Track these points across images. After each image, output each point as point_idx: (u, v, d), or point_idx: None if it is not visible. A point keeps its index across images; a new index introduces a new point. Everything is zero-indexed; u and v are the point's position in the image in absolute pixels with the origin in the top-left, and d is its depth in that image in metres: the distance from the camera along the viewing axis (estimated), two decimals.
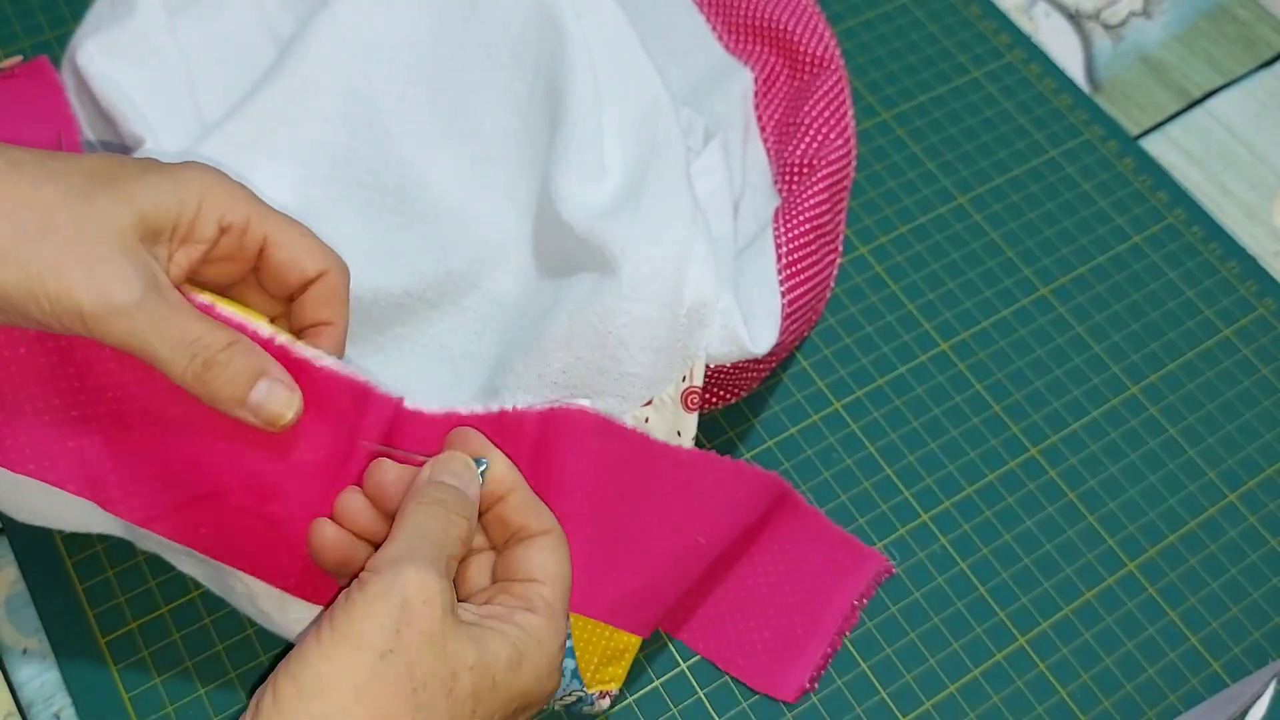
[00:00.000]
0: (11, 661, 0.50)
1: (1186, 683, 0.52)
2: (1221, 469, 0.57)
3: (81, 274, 0.37)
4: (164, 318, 0.39)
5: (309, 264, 0.43)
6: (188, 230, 0.41)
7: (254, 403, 0.40)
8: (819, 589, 0.52)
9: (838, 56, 0.62)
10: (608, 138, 0.55)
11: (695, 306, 0.50)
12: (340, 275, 0.44)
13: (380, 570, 0.37)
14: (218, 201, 0.41)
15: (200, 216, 0.41)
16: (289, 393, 0.40)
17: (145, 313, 0.38)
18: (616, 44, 0.57)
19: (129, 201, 0.39)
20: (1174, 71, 0.71)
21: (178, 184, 0.40)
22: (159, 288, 0.39)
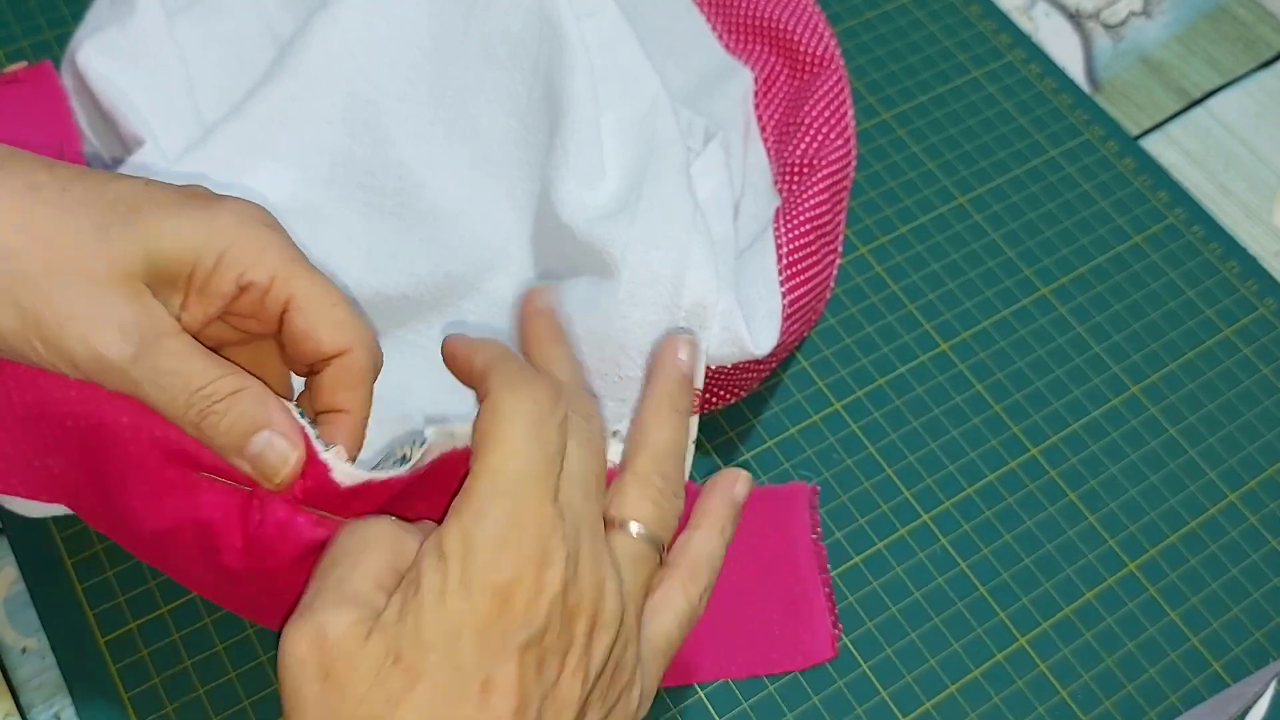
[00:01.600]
0: (11, 661, 0.50)
1: (1187, 682, 0.52)
2: (1222, 469, 0.57)
3: (79, 325, 0.36)
4: (162, 370, 0.37)
5: (326, 339, 0.39)
6: (204, 282, 0.38)
7: (251, 454, 0.38)
8: (777, 549, 0.52)
9: (838, 56, 0.62)
10: (607, 140, 0.55)
11: (694, 310, 0.50)
12: (363, 357, 0.40)
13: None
14: (242, 255, 0.38)
15: (219, 270, 0.38)
16: (289, 448, 0.38)
17: (142, 367, 0.36)
18: (616, 46, 0.57)
19: (144, 241, 0.37)
20: (1174, 71, 0.71)
21: (204, 227, 0.38)
22: (160, 335, 0.37)
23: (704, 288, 0.50)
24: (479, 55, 0.58)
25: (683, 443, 0.44)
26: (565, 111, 0.54)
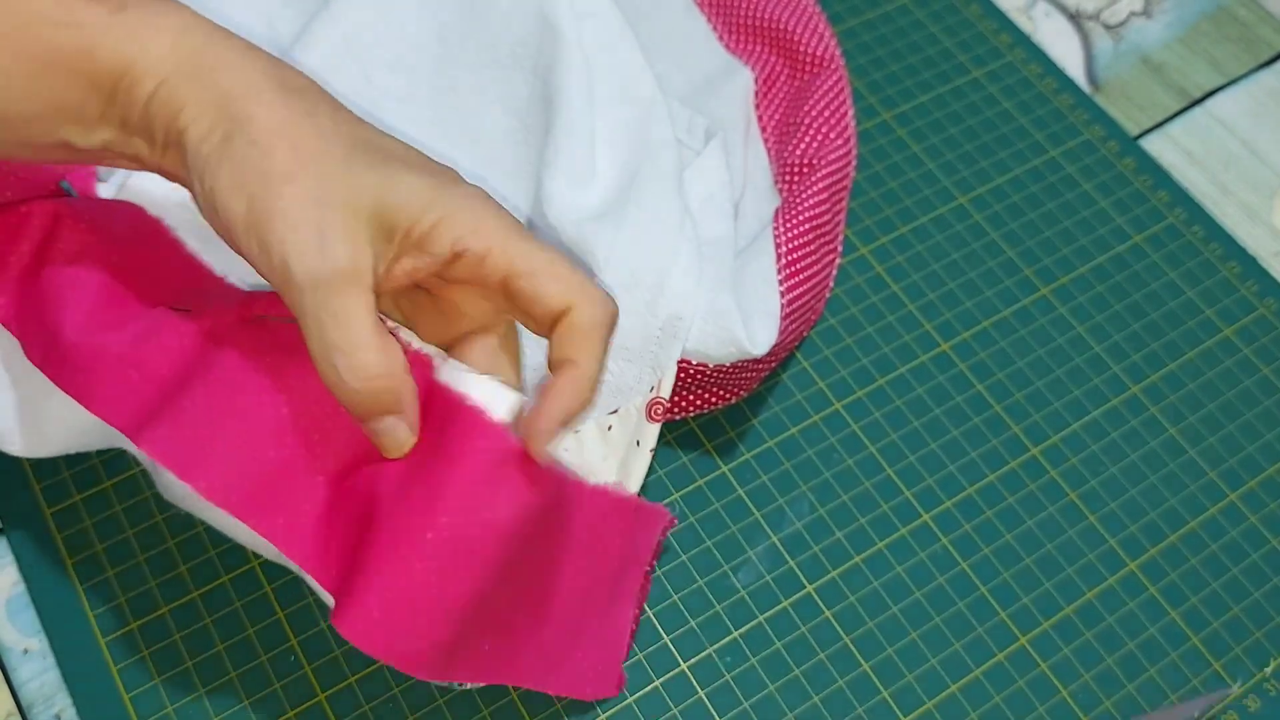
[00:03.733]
0: (12, 662, 0.50)
1: (1188, 682, 0.52)
2: (1222, 468, 0.57)
3: (290, 231, 0.36)
4: (332, 313, 0.37)
5: (552, 298, 0.39)
6: (420, 239, 0.38)
7: (373, 427, 0.39)
8: (610, 567, 0.49)
9: (838, 56, 0.62)
10: (600, 141, 0.55)
11: (671, 319, 0.50)
12: (589, 311, 0.40)
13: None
14: (458, 222, 0.38)
15: (435, 232, 0.38)
16: (407, 436, 0.39)
17: (317, 298, 0.36)
18: (614, 47, 0.57)
19: (380, 185, 0.38)
20: (1174, 71, 0.71)
21: (433, 190, 0.38)
22: (352, 280, 0.37)
23: (682, 298, 0.50)
24: (479, 56, 0.58)
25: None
26: (559, 111, 0.54)
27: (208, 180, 0.37)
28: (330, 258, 0.36)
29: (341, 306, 0.37)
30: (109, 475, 0.53)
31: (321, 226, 0.36)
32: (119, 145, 0.38)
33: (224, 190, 0.36)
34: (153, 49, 0.37)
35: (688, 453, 0.56)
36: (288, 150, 0.37)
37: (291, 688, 0.50)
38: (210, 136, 0.37)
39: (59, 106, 0.37)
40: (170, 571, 0.52)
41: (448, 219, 0.38)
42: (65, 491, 0.53)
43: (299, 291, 0.36)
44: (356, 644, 0.38)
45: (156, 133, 0.37)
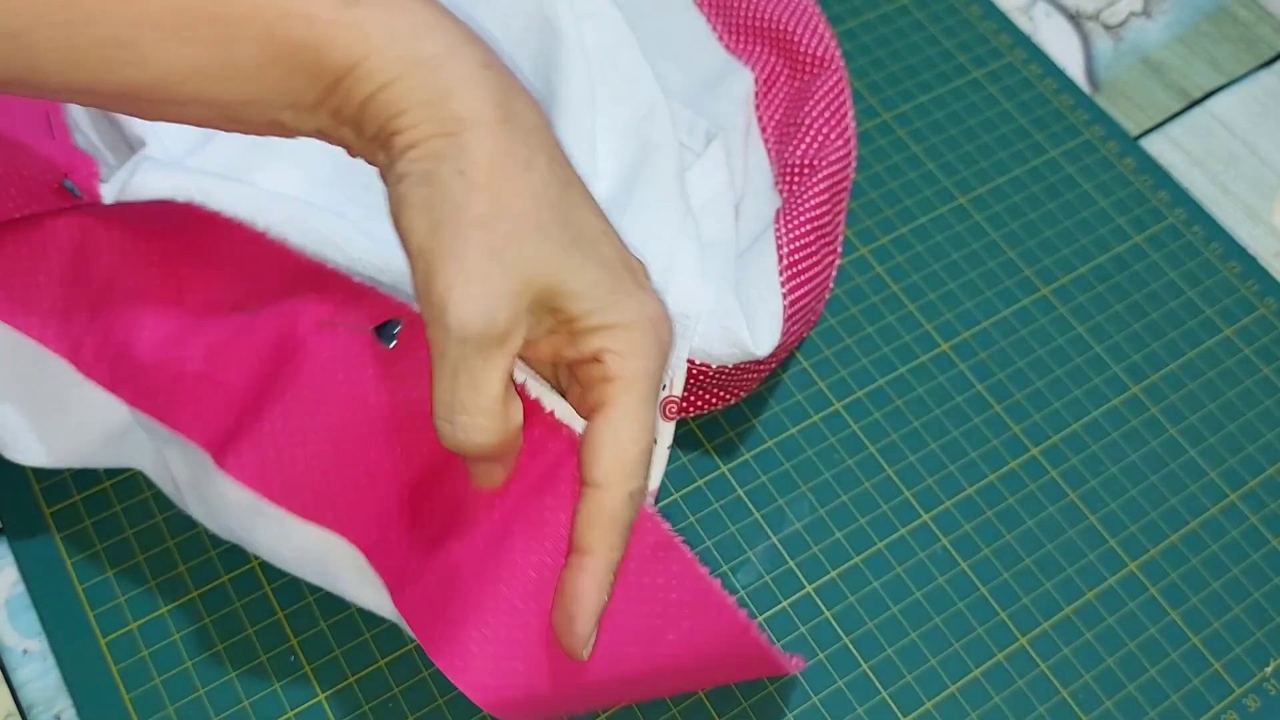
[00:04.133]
0: (12, 663, 0.50)
1: (1188, 682, 0.52)
2: (1223, 468, 0.57)
3: (465, 288, 0.35)
4: (468, 365, 0.36)
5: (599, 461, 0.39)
6: (576, 332, 0.38)
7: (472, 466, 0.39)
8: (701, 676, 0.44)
9: (838, 57, 0.62)
10: (601, 142, 0.55)
11: (679, 318, 0.50)
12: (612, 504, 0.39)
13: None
14: (617, 340, 0.38)
15: (595, 333, 0.38)
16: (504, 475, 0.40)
17: (462, 349, 0.36)
18: (615, 48, 0.57)
19: (563, 269, 0.37)
20: (1174, 72, 0.71)
21: (608, 293, 0.38)
22: (504, 349, 0.37)
23: (688, 297, 0.50)
24: None
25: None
26: (560, 112, 0.54)
27: (402, 188, 0.36)
28: (488, 319, 0.36)
29: (481, 368, 0.36)
30: (109, 475, 0.53)
31: (491, 285, 0.36)
32: (327, 130, 0.38)
33: (414, 206, 0.36)
34: (385, 52, 0.36)
35: (688, 453, 0.56)
36: (491, 198, 0.36)
37: (291, 688, 0.50)
38: (420, 150, 0.36)
39: (278, 93, 0.37)
40: (170, 571, 0.52)
41: (609, 331, 0.38)
42: (65, 491, 0.53)
43: (445, 336, 0.36)
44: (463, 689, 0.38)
45: (367, 127, 0.37)
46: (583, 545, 0.38)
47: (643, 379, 0.38)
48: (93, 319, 0.43)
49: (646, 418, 0.39)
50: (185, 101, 0.37)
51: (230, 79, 0.36)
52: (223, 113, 0.37)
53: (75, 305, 0.44)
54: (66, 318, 0.43)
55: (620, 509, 0.38)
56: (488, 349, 0.36)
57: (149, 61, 0.35)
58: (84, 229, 0.44)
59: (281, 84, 0.36)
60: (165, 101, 0.37)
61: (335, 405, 0.41)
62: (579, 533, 0.38)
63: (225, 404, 0.42)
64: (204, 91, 0.36)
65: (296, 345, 0.41)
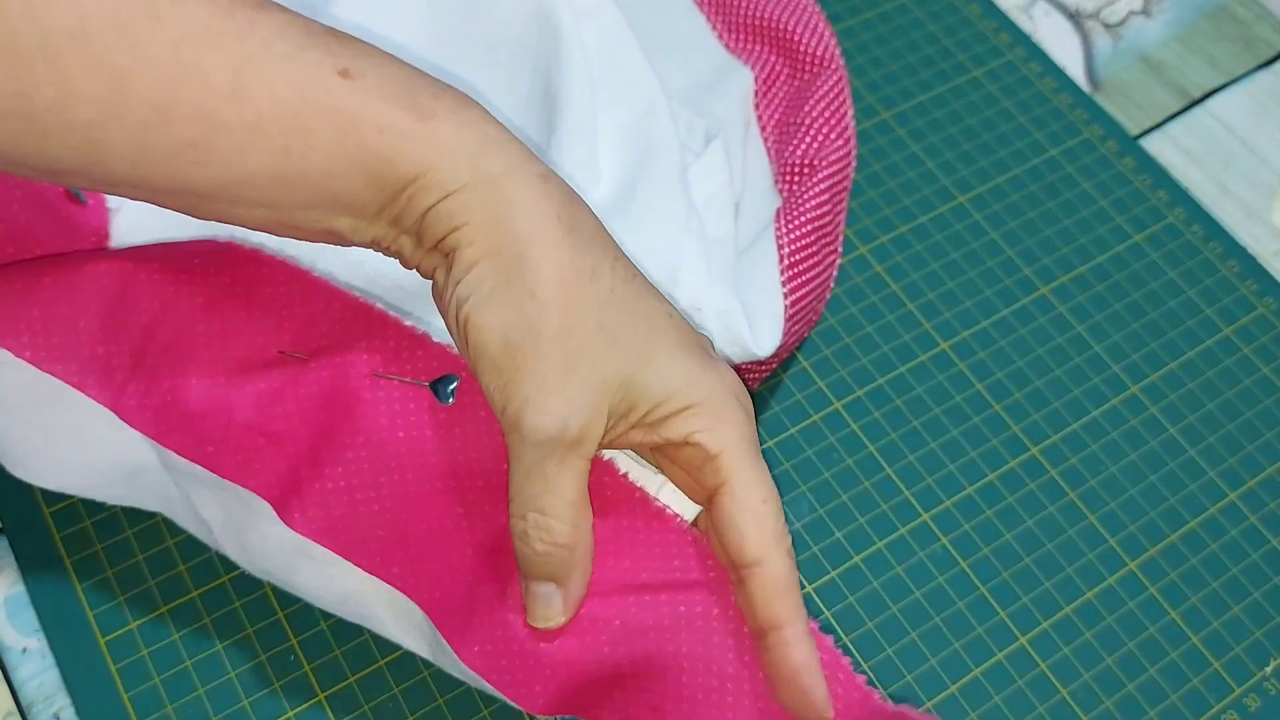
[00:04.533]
0: (11, 661, 0.50)
1: (1188, 682, 0.52)
2: (1222, 468, 0.57)
3: (541, 399, 0.36)
4: (543, 470, 0.37)
5: (751, 536, 0.39)
6: (657, 422, 0.39)
7: (532, 590, 0.39)
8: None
9: (838, 56, 0.62)
10: (602, 142, 0.55)
11: (688, 312, 0.50)
12: (783, 567, 0.39)
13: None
14: (702, 415, 0.39)
15: (677, 418, 0.39)
16: (559, 613, 0.39)
17: (538, 454, 0.37)
18: (614, 47, 0.57)
19: (636, 367, 0.38)
20: (1174, 71, 0.71)
21: (682, 377, 0.39)
22: (580, 453, 0.38)
23: (696, 291, 0.50)
24: (478, 55, 0.58)
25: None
26: (561, 112, 0.54)
27: (468, 307, 0.37)
28: (565, 427, 0.37)
29: (556, 472, 0.37)
30: None
31: (568, 396, 0.37)
32: (385, 240, 0.38)
33: (485, 325, 0.37)
34: (453, 164, 0.36)
35: None
36: (563, 311, 0.37)
37: (291, 688, 0.50)
38: (485, 264, 0.37)
39: (337, 198, 0.37)
40: (170, 570, 0.52)
41: (691, 411, 0.38)
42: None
43: (522, 442, 0.37)
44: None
45: (427, 238, 0.37)
46: (776, 621, 0.38)
47: (743, 442, 0.39)
48: (135, 367, 0.43)
49: (765, 477, 0.39)
50: (246, 202, 0.37)
51: (294, 183, 0.36)
52: (280, 217, 0.37)
53: (116, 353, 0.43)
54: (107, 366, 0.43)
55: (788, 573, 0.39)
56: (562, 455, 0.37)
57: (217, 164, 0.35)
58: (123, 274, 0.44)
59: (345, 190, 0.37)
60: (226, 201, 0.37)
61: (397, 463, 0.41)
62: (763, 614, 0.39)
63: (279, 456, 0.42)
64: (266, 193, 0.36)
65: (352, 398, 0.42)
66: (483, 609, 0.40)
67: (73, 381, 0.43)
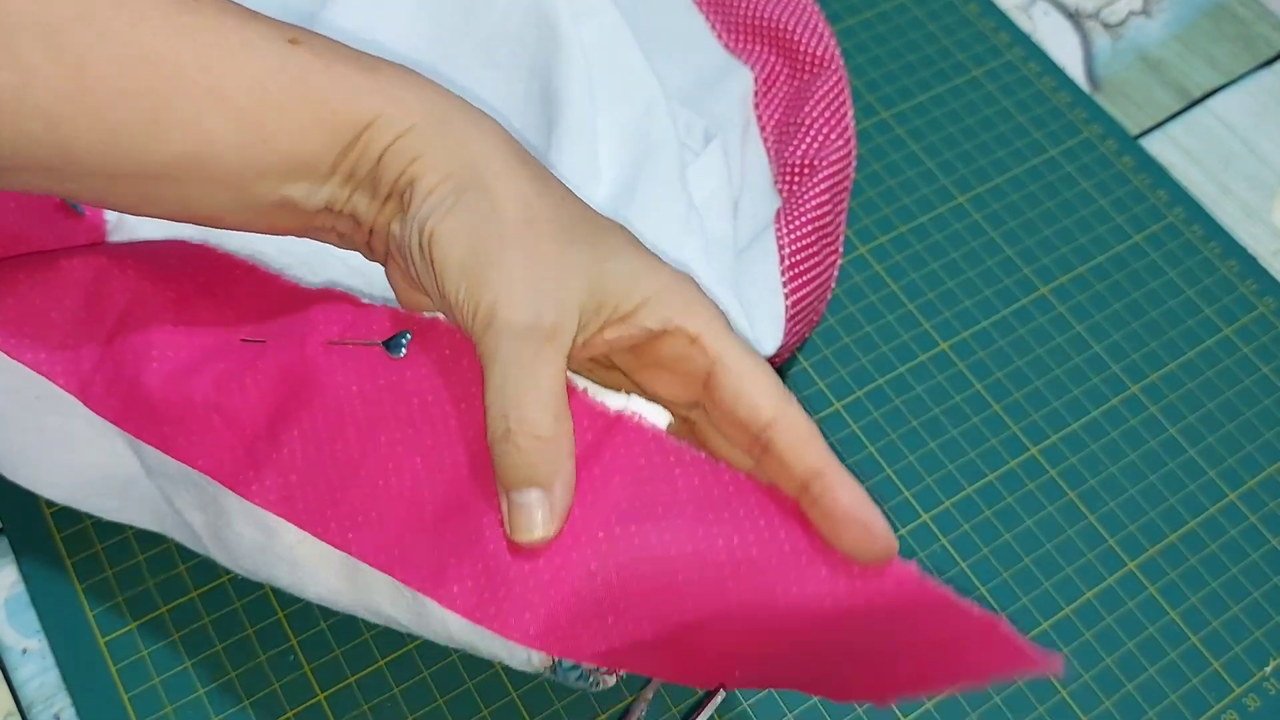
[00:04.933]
0: (11, 661, 0.50)
1: (1187, 682, 0.52)
2: (1222, 468, 0.57)
3: (511, 290, 0.37)
4: (519, 364, 0.37)
5: (764, 401, 0.38)
6: (628, 314, 0.39)
7: (514, 499, 0.38)
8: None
9: (838, 56, 0.62)
10: (602, 141, 0.55)
11: None
12: (802, 418, 0.38)
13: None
14: (672, 301, 0.39)
15: (647, 305, 0.38)
16: (545, 522, 0.38)
17: (509, 348, 0.37)
18: (613, 46, 0.57)
19: (599, 260, 0.38)
20: (1174, 70, 0.71)
21: (644, 267, 0.39)
22: (547, 341, 0.37)
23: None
24: (477, 55, 0.58)
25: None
26: (561, 111, 0.54)
27: (431, 224, 0.37)
28: (538, 314, 0.37)
29: (533, 361, 0.37)
30: None
31: (536, 284, 0.37)
32: (339, 202, 0.39)
33: (447, 234, 0.37)
34: (404, 104, 0.38)
35: None
36: (520, 209, 0.38)
37: (291, 688, 0.50)
38: (443, 186, 0.38)
39: (294, 158, 0.38)
40: (170, 571, 0.52)
41: (660, 296, 0.39)
42: None
43: (496, 337, 0.37)
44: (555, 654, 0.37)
45: (383, 182, 0.38)
46: (815, 466, 0.38)
47: (719, 319, 0.39)
48: (104, 356, 0.44)
49: (750, 347, 0.39)
50: (209, 179, 0.38)
51: (255, 147, 0.37)
52: (239, 195, 0.38)
53: (86, 343, 0.44)
54: (76, 355, 0.44)
55: (809, 421, 0.38)
56: (539, 344, 0.37)
57: (179, 137, 0.36)
58: (98, 269, 0.44)
59: (302, 147, 0.38)
60: (190, 182, 0.38)
61: (352, 419, 0.41)
62: (799, 466, 0.38)
63: (235, 433, 0.42)
64: (226, 163, 0.37)
65: (307, 367, 0.41)
66: (457, 550, 0.40)
67: (42, 370, 0.43)
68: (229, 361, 0.43)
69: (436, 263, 0.38)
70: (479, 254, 0.37)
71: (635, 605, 0.38)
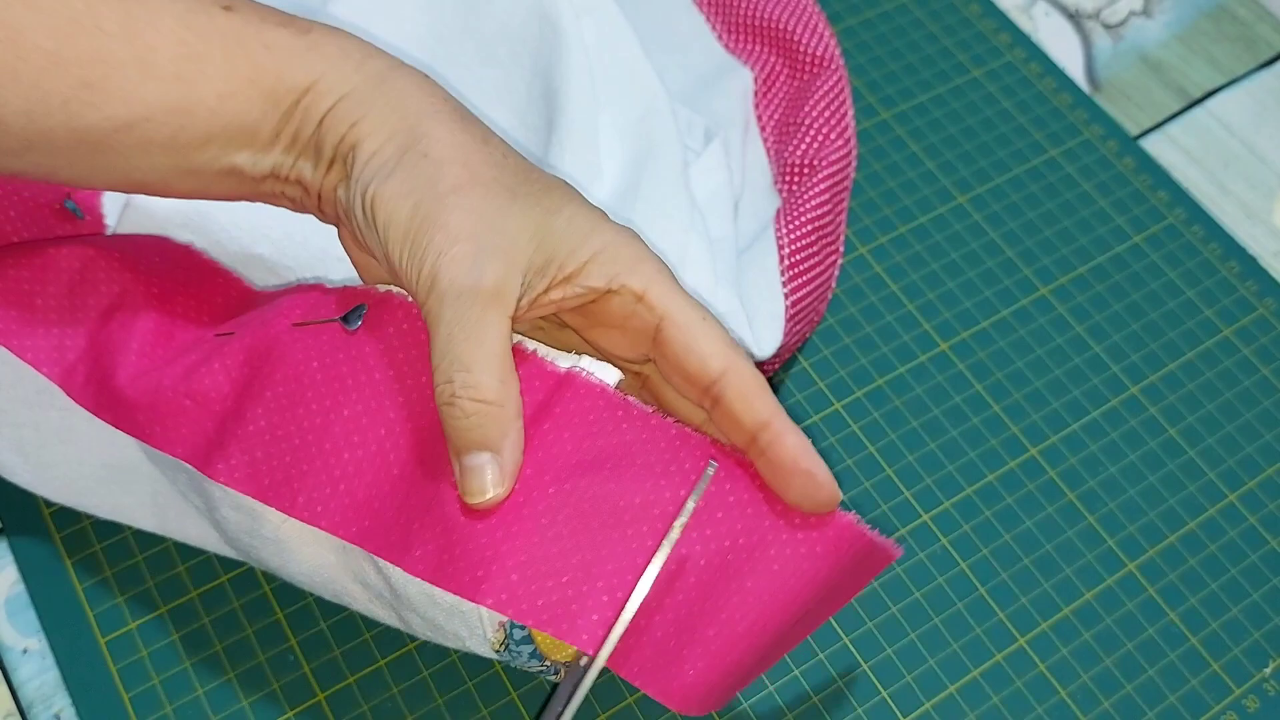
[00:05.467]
0: (11, 661, 0.50)
1: (1186, 683, 0.52)
2: (1221, 469, 0.57)
3: (453, 249, 0.37)
4: (464, 327, 0.37)
5: (711, 354, 0.38)
6: (574, 272, 0.38)
7: (465, 463, 0.38)
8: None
9: (838, 56, 0.62)
10: (604, 139, 0.55)
11: None
12: (750, 370, 0.39)
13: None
14: (617, 258, 0.38)
15: (592, 265, 0.38)
16: (496, 483, 0.38)
17: (455, 309, 0.37)
18: (615, 44, 0.57)
19: (542, 216, 0.38)
20: (1174, 71, 0.71)
21: (588, 223, 0.39)
22: (492, 301, 0.37)
23: (701, 289, 0.50)
24: (478, 53, 0.58)
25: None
26: (563, 110, 0.54)
27: (373, 188, 0.37)
28: (480, 274, 0.37)
29: (477, 323, 0.37)
30: None
31: (479, 243, 0.37)
32: (284, 169, 0.39)
33: (389, 197, 0.37)
34: (340, 67, 0.38)
35: None
36: (460, 168, 0.38)
37: (291, 688, 0.50)
38: (385, 148, 0.38)
39: (237, 127, 0.38)
40: (169, 571, 0.52)
41: (605, 253, 0.38)
42: None
43: (440, 300, 0.37)
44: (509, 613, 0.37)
45: (326, 148, 0.38)
46: (763, 417, 0.38)
47: (665, 274, 0.39)
48: (87, 347, 0.44)
49: (697, 302, 0.39)
50: (145, 147, 0.37)
51: (191, 112, 0.37)
52: (180, 161, 0.38)
53: (71, 332, 0.44)
54: (61, 343, 0.44)
55: (756, 373, 0.39)
56: (482, 305, 0.37)
57: (113, 101, 0.36)
58: (85, 258, 0.45)
59: (240, 115, 0.38)
60: (126, 150, 0.37)
61: (314, 393, 0.41)
62: (748, 416, 0.38)
63: (205, 415, 0.42)
64: (163, 130, 0.37)
65: (270, 346, 0.42)
66: (419, 515, 0.40)
67: (26, 358, 0.43)
68: (200, 353, 0.43)
69: (380, 227, 0.38)
70: (420, 216, 0.37)
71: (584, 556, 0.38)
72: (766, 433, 0.38)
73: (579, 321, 0.41)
